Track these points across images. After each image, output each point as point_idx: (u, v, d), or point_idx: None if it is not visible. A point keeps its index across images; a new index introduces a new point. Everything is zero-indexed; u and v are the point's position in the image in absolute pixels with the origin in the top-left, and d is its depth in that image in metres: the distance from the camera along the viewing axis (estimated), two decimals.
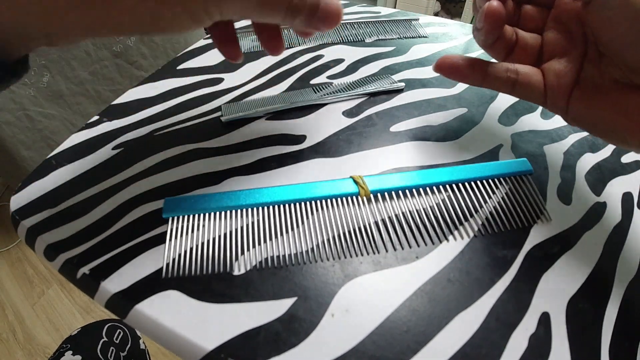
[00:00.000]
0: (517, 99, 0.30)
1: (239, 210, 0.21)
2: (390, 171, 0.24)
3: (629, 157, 0.26)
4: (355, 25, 0.40)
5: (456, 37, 0.39)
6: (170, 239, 0.19)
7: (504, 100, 0.30)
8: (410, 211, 0.21)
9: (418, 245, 0.20)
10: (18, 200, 0.22)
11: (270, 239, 0.20)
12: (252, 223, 0.20)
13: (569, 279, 0.19)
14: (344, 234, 0.20)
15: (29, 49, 0.15)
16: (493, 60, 0.22)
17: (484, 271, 0.19)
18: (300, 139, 0.26)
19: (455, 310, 0.17)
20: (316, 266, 0.19)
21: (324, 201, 0.21)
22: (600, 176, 0.24)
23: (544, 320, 0.17)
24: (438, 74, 0.33)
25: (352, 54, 0.36)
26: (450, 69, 0.22)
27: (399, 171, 0.24)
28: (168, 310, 0.17)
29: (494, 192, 0.22)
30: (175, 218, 0.20)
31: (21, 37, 0.14)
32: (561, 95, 0.20)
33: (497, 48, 0.21)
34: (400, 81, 0.31)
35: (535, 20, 0.22)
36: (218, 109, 0.29)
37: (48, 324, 0.88)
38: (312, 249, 0.19)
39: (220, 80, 0.32)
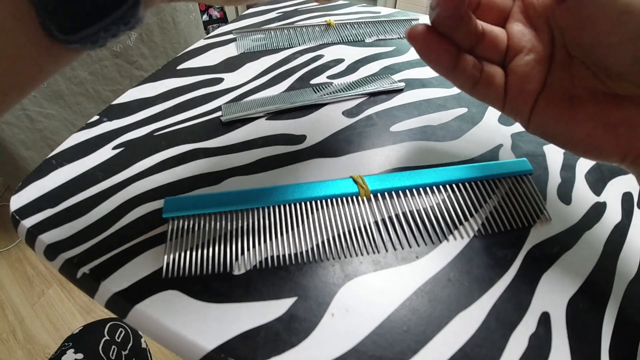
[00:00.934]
0: None
1: (239, 210, 0.21)
2: (390, 171, 0.24)
3: None
4: (355, 25, 0.40)
5: None
6: (170, 239, 0.19)
7: None
8: (410, 211, 0.21)
9: (418, 245, 0.20)
10: (18, 200, 0.22)
11: (270, 238, 0.20)
12: (252, 223, 0.20)
13: (569, 279, 0.19)
14: (344, 233, 0.20)
15: None
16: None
17: (484, 271, 0.19)
18: (301, 138, 0.26)
19: (455, 310, 0.17)
20: (316, 266, 0.19)
21: (324, 201, 0.21)
22: (600, 176, 0.24)
23: (544, 320, 0.17)
24: (438, 74, 0.33)
25: (352, 54, 0.36)
26: (424, 42, 0.17)
27: (399, 171, 0.24)
28: (168, 310, 0.17)
29: (494, 192, 0.22)
30: (176, 218, 0.20)
31: None
32: (523, 102, 0.18)
33: (461, 39, 0.18)
34: (400, 81, 0.31)
35: (497, 10, 0.18)
36: (218, 109, 0.29)
37: (48, 324, 0.88)
38: (312, 248, 0.19)
39: (220, 80, 0.32)
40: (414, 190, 0.22)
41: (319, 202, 0.21)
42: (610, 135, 0.16)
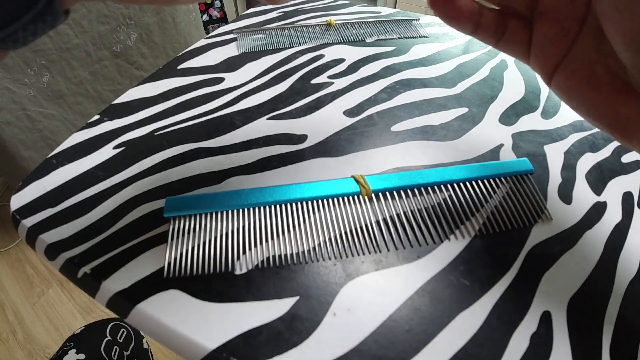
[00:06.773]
0: (517, 99, 0.31)
1: (240, 210, 0.21)
2: (392, 170, 0.24)
3: (629, 157, 0.26)
4: (355, 25, 0.40)
5: (456, 37, 0.40)
6: (171, 238, 0.19)
7: (505, 100, 0.30)
8: (411, 210, 0.21)
9: (419, 245, 0.20)
10: (18, 200, 0.22)
11: (272, 238, 0.20)
12: (254, 222, 0.20)
13: (570, 278, 0.19)
14: (346, 233, 0.20)
15: None
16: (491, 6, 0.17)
17: (486, 270, 0.19)
18: (302, 138, 0.26)
19: (457, 309, 0.17)
20: (318, 265, 0.19)
21: (325, 200, 0.21)
22: (600, 176, 0.24)
23: (545, 319, 0.17)
24: (439, 74, 0.33)
25: (352, 53, 0.36)
26: (446, 3, 0.17)
27: (400, 170, 0.24)
28: (169, 310, 0.17)
29: (495, 192, 0.22)
30: (177, 217, 0.20)
31: None
32: (546, 63, 0.16)
33: None
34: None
35: None
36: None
37: (48, 324, 0.88)
38: (314, 248, 0.19)
39: (221, 80, 0.32)
40: (415, 189, 0.22)
41: (320, 201, 0.21)
42: (620, 125, 0.14)
